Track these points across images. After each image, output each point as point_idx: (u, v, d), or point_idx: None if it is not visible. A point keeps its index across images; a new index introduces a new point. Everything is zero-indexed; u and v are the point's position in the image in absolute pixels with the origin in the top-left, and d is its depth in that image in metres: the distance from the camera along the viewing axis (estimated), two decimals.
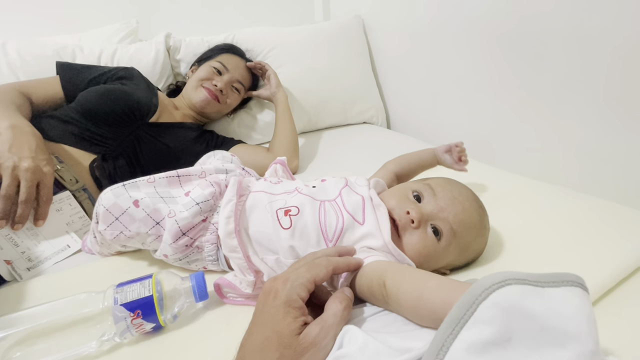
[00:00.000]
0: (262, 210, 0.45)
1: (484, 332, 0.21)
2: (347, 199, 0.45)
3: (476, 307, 0.22)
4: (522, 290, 0.22)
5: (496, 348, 0.20)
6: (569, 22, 0.71)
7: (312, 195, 0.46)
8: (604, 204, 0.56)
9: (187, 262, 0.49)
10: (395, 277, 0.33)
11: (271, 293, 0.32)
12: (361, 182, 0.49)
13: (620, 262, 0.42)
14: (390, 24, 1.18)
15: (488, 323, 0.21)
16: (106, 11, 1.13)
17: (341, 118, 1.18)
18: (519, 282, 0.22)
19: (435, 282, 0.30)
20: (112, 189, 0.48)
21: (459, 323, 0.22)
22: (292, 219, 0.43)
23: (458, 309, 0.22)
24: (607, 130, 0.71)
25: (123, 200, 0.47)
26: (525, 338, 0.21)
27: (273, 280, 0.34)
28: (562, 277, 0.23)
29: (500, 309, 0.21)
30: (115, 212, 0.47)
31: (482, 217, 0.45)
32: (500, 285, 0.22)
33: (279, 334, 0.29)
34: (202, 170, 0.53)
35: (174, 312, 0.40)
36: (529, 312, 0.21)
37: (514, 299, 0.22)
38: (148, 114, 0.80)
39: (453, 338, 0.21)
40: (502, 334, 0.21)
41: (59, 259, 0.56)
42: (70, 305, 0.37)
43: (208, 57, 0.96)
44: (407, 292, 0.31)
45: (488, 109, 0.93)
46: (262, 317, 0.31)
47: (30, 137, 0.59)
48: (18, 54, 0.89)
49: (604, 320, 0.35)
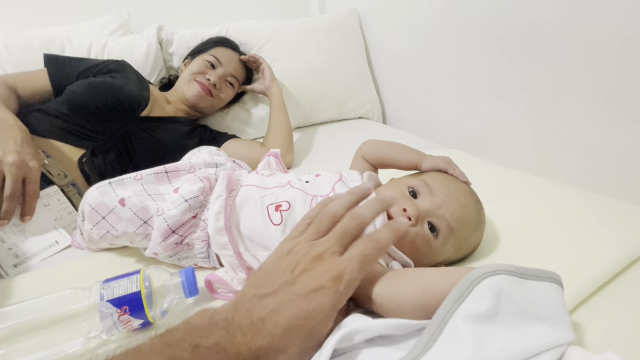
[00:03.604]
0: (252, 206, 0.44)
1: (478, 307, 0.26)
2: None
3: (472, 289, 0.27)
4: (509, 279, 0.28)
5: (485, 320, 0.26)
6: (565, 18, 0.71)
7: (305, 190, 0.45)
8: (599, 199, 0.56)
9: (178, 259, 0.48)
10: (383, 284, 0.32)
11: (314, 279, 0.28)
12: (355, 177, 0.48)
13: (616, 255, 0.41)
14: (387, 18, 1.17)
15: (481, 301, 0.26)
16: (97, 3, 1.11)
17: (336, 113, 1.17)
18: (507, 273, 0.28)
19: (433, 272, 0.32)
20: (98, 187, 0.47)
21: (457, 300, 0.27)
22: (283, 215, 0.42)
23: (457, 290, 0.27)
24: (602, 126, 0.71)
25: (109, 199, 0.45)
26: (506, 316, 0.26)
27: (315, 259, 0.29)
28: (543, 274, 0.29)
29: (491, 291, 0.27)
30: (101, 211, 0.45)
31: (479, 212, 0.44)
32: (492, 274, 0.28)
33: (315, 330, 0.27)
34: (190, 164, 0.52)
35: (163, 308, 0.39)
36: (511, 297, 0.27)
37: (502, 285, 0.27)
38: (139, 108, 0.78)
39: (452, 312, 0.26)
40: (491, 310, 0.26)
41: (47, 255, 0.55)
42: (55, 301, 0.36)
43: (201, 50, 0.95)
44: (409, 292, 0.31)
45: (484, 104, 0.93)
46: (296, 299, 0.27)
47: (16, 130, 0.57)
48: (5, 46, 0.87)
49: (601, 312, 0.36)
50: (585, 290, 0.37)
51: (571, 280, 0.37)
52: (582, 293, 0.37)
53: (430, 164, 0.48)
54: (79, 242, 0.54)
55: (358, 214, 0.32)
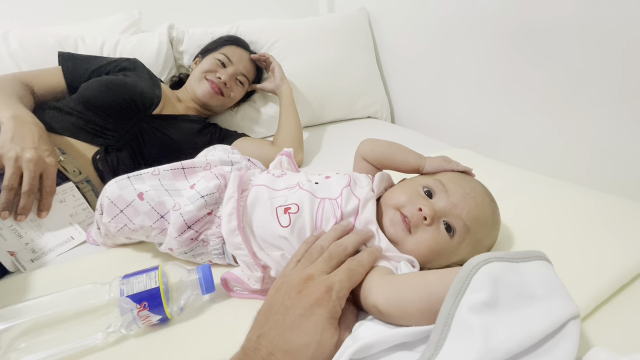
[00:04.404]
0: (263, 206, 0.44)
1: (479, 296, 0.26)
2: (346, 200, 0.43)
3: (470, 279, 0.27)
4: (502, 265, 0.28)
5: (489, 308, 0.26)
6: (581, 16, 0.70)
7: (313, 192, 0.44)
8: (614, 200, 0.55)
9: (193, 255, 0.48)
10: (387, 294, 0.33)
11: (308, 296, 0.31)
12: (363, 182, 0.47)
13: (634, 258, 0.41)
14: (396, 17, 1.16)
15: (480, 290, 0.27)
16: (108, 2, 1.12)
17: (345, 112, 1.17)
18: (498, 259, 0.28)
19: (434, 276, 0.33)
20: (117, 181, 0.47)
21: (458, 294, 0.27)
22: (292, 217, 0.42)
23: (456, 284, 0.28)
24: (616, 126, 0.70)
25: (128, 192, 0.46)
26: (507, 301, 0.27)
27: (306, 279, 0.33)
28: (529, 254, 0.30)
29: (488, 279, 0.27)
30: (119, 204, 0.46)
31: (494, 212, 0.44)
32: (485, 262, 0.28)
33: (321, 344, 0.29)
34: (207, 161, 0.52)
35: (180, 304, 0.39)
36: (508, 282, 0.28)
37: (497, 272, 0.28)
38: (151, 106, 0.79)
39: (456, 306, 0.27)
40: (492, 297, 0.26)
41: (62, 250, 0.55)
42: (76, 296, 0.37)
43: (212, 49, 0.95)
44: (414, 299, 0.31)
45: (494, 103, 0.92)
46: (296, 320, 0.30)
47: (33, 127, 0.58)
48: (20, 44, 0.88)
49: (618, 316, 0.35)
50: (604, 292, 0.37)
51: (591, 283, 0.37)
52: (601, 295, 0.36)
53: (433, 165, 0.48)
54: (94, 238, 0.55)
55: (341, 242, 0.38)
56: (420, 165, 0.49)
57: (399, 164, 0.51)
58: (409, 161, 0.50)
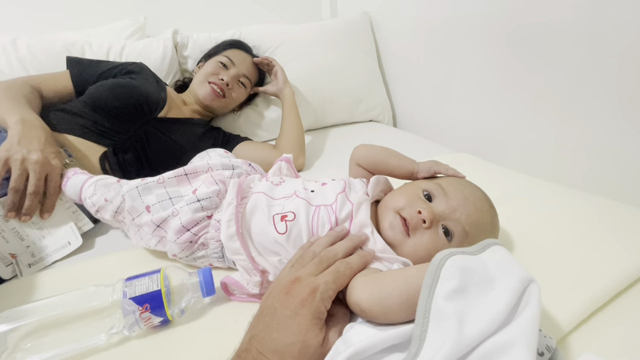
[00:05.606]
0: (261, 213, 0.45)
1: (450, 284, 0.29)
2: (341, 206, 0.44)
3: (440, 271, 0.30)
4: (464, 257, 0.31)
5: (459, 295, 0.29)
6: (581, 20, 0.70)
7: (309, 200, 0.45)
8: (613, 205, 0.55)
9: (193, 258, 0.49)
10: (370, 291, 0.34)
11: (294, 297, 0.32)
12: (357, 187, 0.48)
13: (633, 263, 0.41)
14: (398, 22, 1.17)
15: (450, 278, 0.29)
16: (114, 7, 1.14)
17: (347, 116, 1.18)
18: (460, 253, 0.31)
19: (414, 269, 0.34)
20: (128, 192, 0.50)
21: (432, 285, 0.29)
22: (288, 224, 0.43)
23: (429, 277, 0.30)
24: (616, 130, 0.70)
25: (138, 204, 0.50)
26: (474, 287, 0.29)
27: (293, 281, 0.34)
28: (485, 245, 0.33)
29: (456, 268, 0.30)
30: (133, 213, 0.50)
31: (493, 218, 0.44)
32: (450, 255, 0.31)
33: (305, 343, 0.30)
34: (208, 165, 0.53)
35: (181, 306, 0.40)
36: (472, 269, 0.30)
37: (462, 262, 0.30)
38: (157, 109, 0.80)
39: (431, 297, 0.29)
40: (461, 284, 0.29)
41: (59, 256, 0.55)
42: (80, 298, 0.38)
43: (215, 52, 0.97)
44: (394, 293, 0.32)
45: (496, 107, 0.92)
46: (283, 320, 0.32)
47: (40, 130, 0.59)
48: (28, 49, 0.89)
49: (617, 321, 0.35)
50: (602, 296, 0.37)
51: (589, 287, 0.37)
52: (599, 300, 0.36)
53: (425, 168, 0.49)
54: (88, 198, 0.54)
55: (332, 248, 0.39)
56: (414, 170, 0.50)
57: (392, 168, 0.51)
58: (403, 165, 0.51)
